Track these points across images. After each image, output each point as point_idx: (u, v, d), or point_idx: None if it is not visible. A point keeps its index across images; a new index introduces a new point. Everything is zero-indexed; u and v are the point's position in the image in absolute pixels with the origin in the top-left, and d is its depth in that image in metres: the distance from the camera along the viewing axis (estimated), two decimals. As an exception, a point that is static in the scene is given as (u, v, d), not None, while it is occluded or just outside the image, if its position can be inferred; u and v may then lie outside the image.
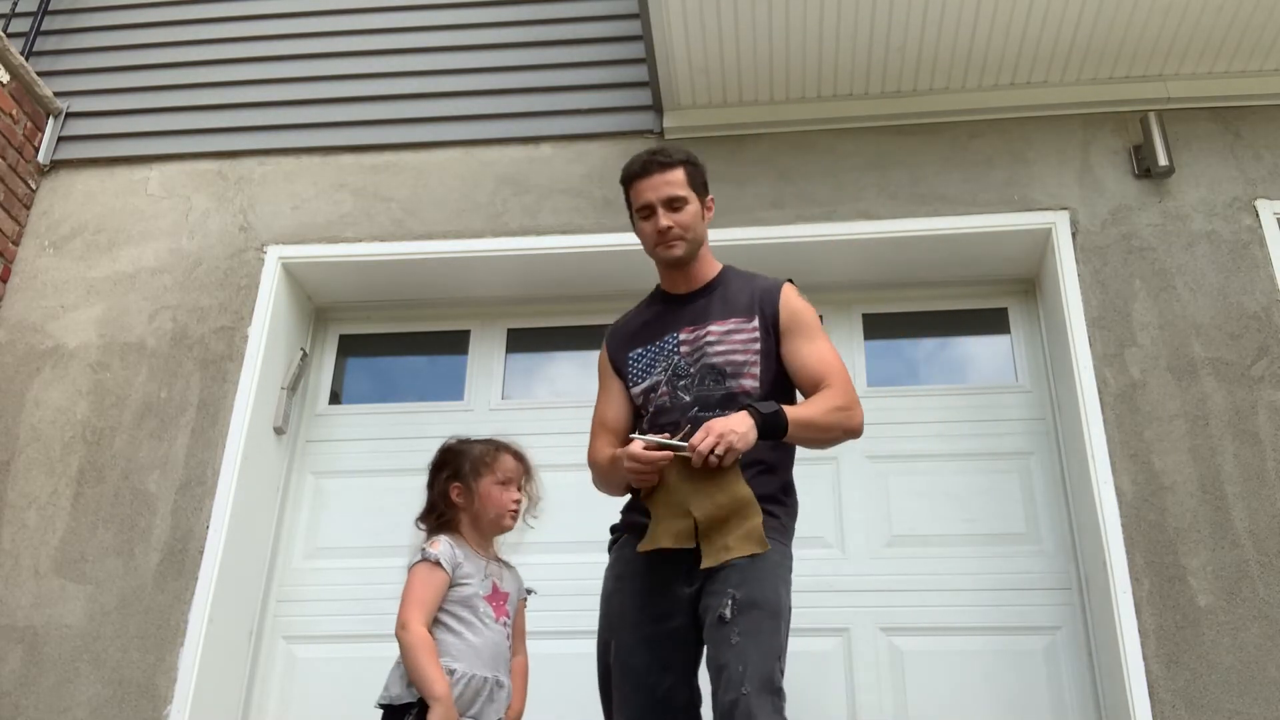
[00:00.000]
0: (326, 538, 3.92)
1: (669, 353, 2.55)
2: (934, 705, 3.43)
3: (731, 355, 2.49)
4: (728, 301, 2.58)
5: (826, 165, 3.98)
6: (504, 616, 2.49)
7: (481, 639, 2.41)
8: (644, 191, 2.57)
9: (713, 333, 2.52)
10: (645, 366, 2.58)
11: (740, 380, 2.47)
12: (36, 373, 3.92)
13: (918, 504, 3.71)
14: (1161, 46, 3.78)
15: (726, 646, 2.19)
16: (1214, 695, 3.07)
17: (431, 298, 4.22)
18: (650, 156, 2.60)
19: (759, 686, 2.14)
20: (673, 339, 2.56)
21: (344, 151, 4.24)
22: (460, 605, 2.43)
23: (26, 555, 3.61)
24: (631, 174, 2.61)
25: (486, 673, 2.39)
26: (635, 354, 2.62)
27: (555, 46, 4.34)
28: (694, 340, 2.53)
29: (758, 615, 2.22)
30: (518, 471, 2.58)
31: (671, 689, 2.33)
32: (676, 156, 2.60)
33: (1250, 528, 3.25)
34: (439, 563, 2.43)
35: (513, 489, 2.55)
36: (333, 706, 3.60)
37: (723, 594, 2.24)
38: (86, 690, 3.40)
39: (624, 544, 2.50)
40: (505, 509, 2.54)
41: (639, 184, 2.58)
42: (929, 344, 4.09)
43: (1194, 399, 3.43)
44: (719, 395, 2.45)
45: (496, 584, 2.52)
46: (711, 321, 2.55)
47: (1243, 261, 3.62)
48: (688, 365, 2.51)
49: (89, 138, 4.40)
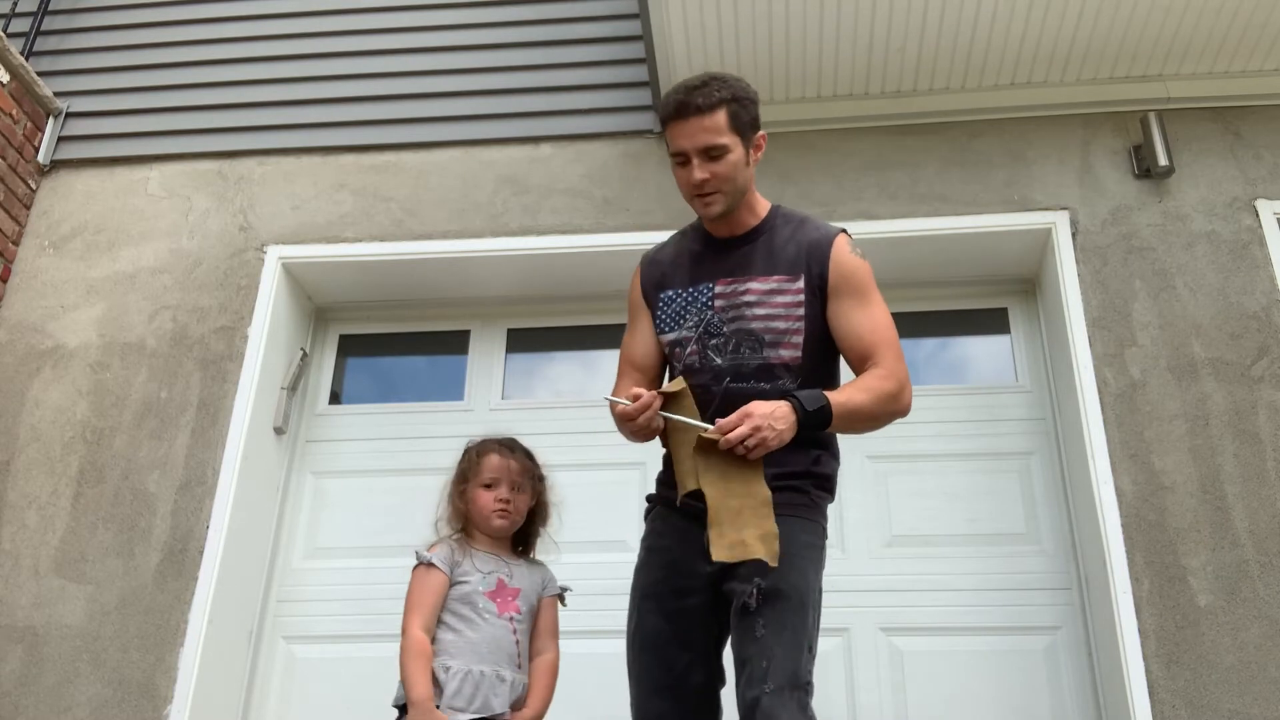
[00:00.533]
0: (326, 538, 3.92)
1: (702, 305, 2.32)
2: (934, 705, 3.43)
3: (772, 321, 2.27)
4: (773, 253, 2.32)
5: (826, 165, 3.98)
6: (511, 612, 2.48)
7: (480, 634, 2.42)
8: (678, 137, 2.24)
9: (753, 291, 2.29)
10: (675, 314, 2.37)
11: (779, 350, 2.26)
12: (36, 373, 3.92)
13: (918, 504, 3.71)
14: (1161, 46, 3.78)
15: (751, 639, 2.11)
16: (1214, 695, 3.07)
17: (431, 298, 4.22)
18: (686, 96, 2.23)
19: (782, 683, 2.05)
20: (708, 289, 2.33)
21: (344, 151, 4.24)
22: (459, 602, 2.45)
23: (26, 555, 3.61)
24: (666, 115, 2.27)
25: (485, 667, 2.39)
26: (667, 295, 2.39)
27: (555, 46, 4.34)
28: (730, 295, 2.30)
29: (783, 606, 2.11)
30: (503, 470, 2.54)
31: (689, 667, 2.25)
32: (719, 94, 2.22)
33: (1250, 528, 3.25)
34: (433, 564, 2.47)
35: (500, 489, 2.53)
36: (333, 706, 3.61)
37: (747, 579, 2.12)
38: (86, 690, 3.40)
39: (655, 515, 2.40)
40: (489, 510, 2.52)
41: (674, 129, 2.25)
42: (929, 344, 4.09)
43: (1194, 399, 3.44)
44: (754, 365, 2.26)
45: (503, 580, 2.50)
46: (753, 277, 2.30)
47: (1243, 261, 3.62)
48: (721, 323, 2.30)
49: (89, 138, 4.40)
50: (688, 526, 2.26)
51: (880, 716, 3.42)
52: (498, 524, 2.53)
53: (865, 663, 3.49)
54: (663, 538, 2.34)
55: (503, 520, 2.52)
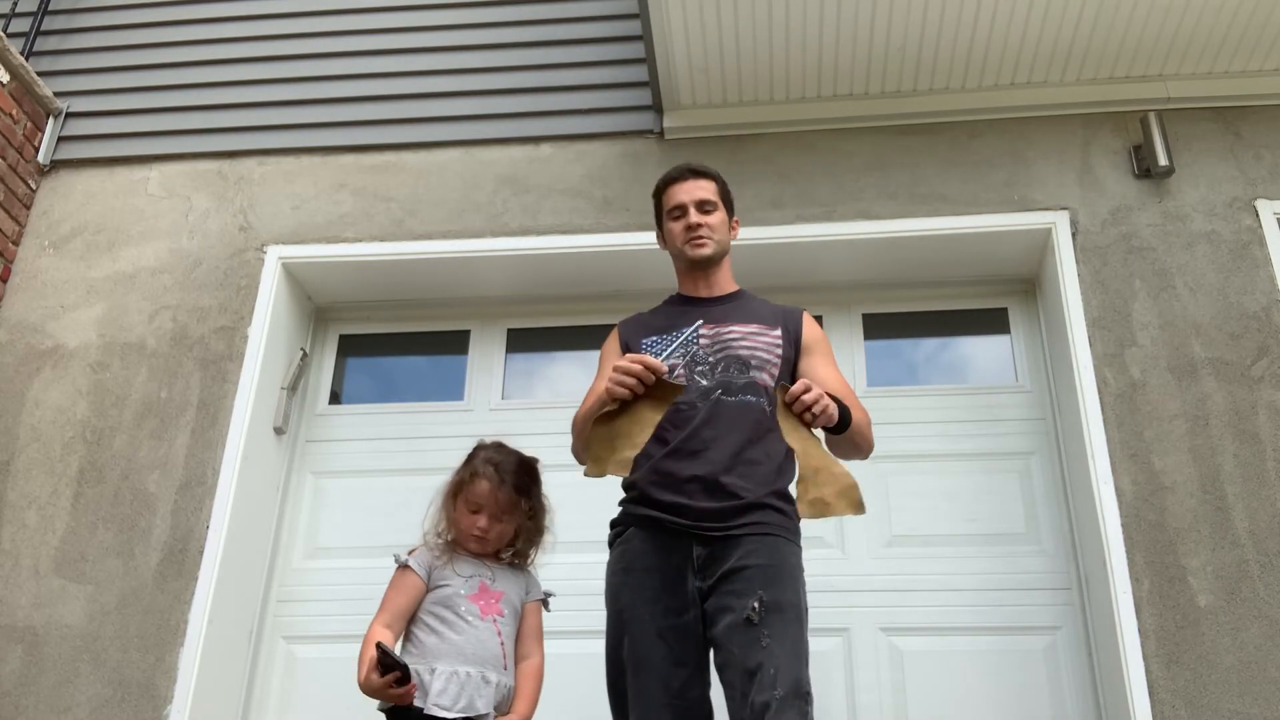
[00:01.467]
0: (326, 538, 3.92)
1: (688, 340, 2.57)
2: (934, 705, 3.43)
3: (756, 351, 2.55)
4: (750, 311, 2.67)
5: (826, 165, 3.98)
6: (495, 614, 2.49)
7: (463, 636, 2.42)
8: (677, 194, 2.71)
9: (736, 330, 2.58)
10: (661, 350, 2.59)
11: (763, 374, 2.53)
12: (36, 373, 3.92)
13: (918, 504, 3.71)
14: (1161, 46, 3.78)
15: (757, 649, 2.21)
16: (1214, 695, 3.07)
17: (431, 298, 4.22)
18: (685, 167, 2.76)
19: (790, 691, 2.17)
20: (693, 331, 2.59)
21: (344, 151, 4.24)
22: (440, 605, 2.46)
23: (26, 555, 3.61)
24: (667, 180, 2.76)
25: (471, 668, 2.39)
26: (650, 340, 2.62)
27: (555, 46, 4.34)
28: (715, 335, 2.58)
29: (784, 618, 2.26)
30: (489, 499, 2.53)
31: (687, 683, 2.32)
32: (710, 171, 2.76)
33: (1250, 528, 3.25)
34: (409, 566, 2.50)
35: (481, 517, 2.53)
36: (333, 706, 3.60)
37: (747, 594, 2.27)
38: (86, 690, 3.40)
39: (629, 538, 2.48)
40: (467, 534, 2.55)
41: (673, 188, 2.73)
42: (929, 344, 4.09)
43: (1194, 399, 3.43)
44: (742, 382, 2.50)
45: (486, 584, 2.52)
46: (734, 323, 2.61)
47: (1243, 261, 3.62)
48: (707, 354, 2.54)
49: (89, 138, 4.40)
50: (668, 544, 2.38)
51: (880, 716, 3.42)
52: (472, 548, 2.56)
53: (865, 663, 3.49)
54: (645, 557, 2.42)
55: (477, 547, 2.55)
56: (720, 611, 2.31)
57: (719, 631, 2.30)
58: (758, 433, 2.46)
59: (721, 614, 2.30)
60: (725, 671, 2.28)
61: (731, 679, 2.24)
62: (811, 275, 3.99)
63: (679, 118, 4.10)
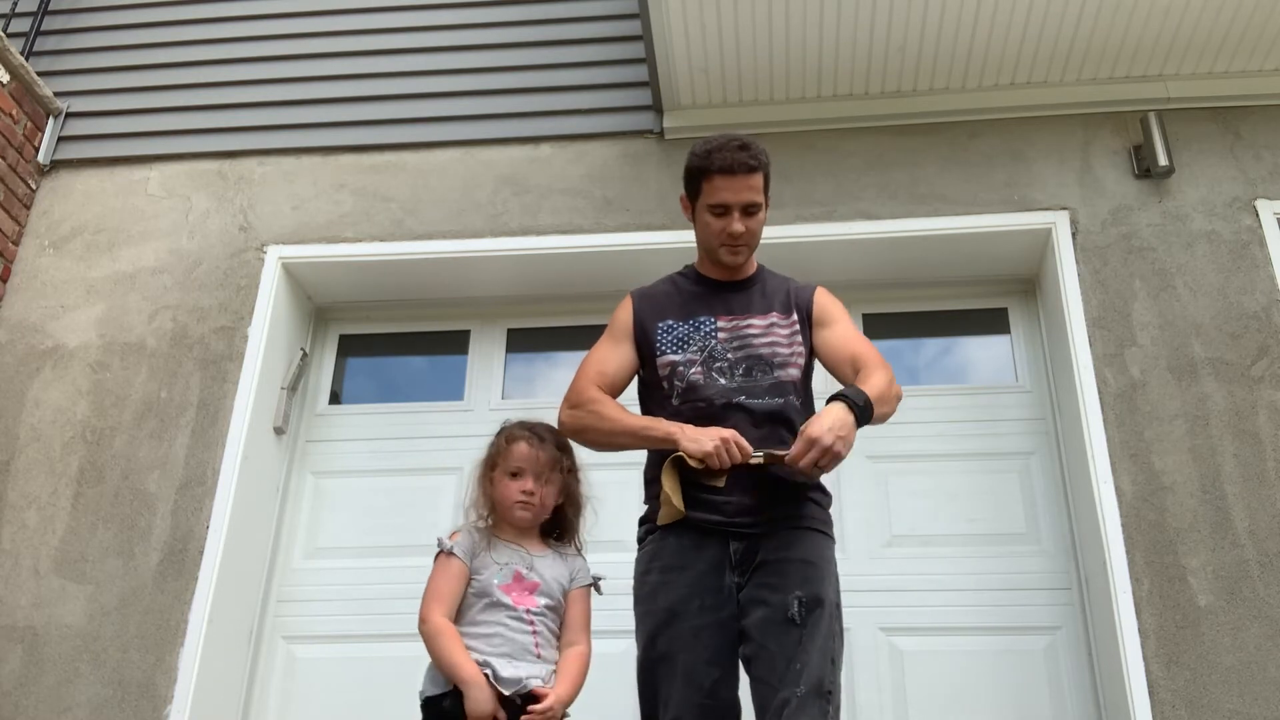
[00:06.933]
0: (326, 538, 3.92)
1: (705, 335, 2.50)
2: (934, 705, 3.43)
3: (776, 347, 2.48)
4: (766, 296, 2.58)
5: (826, 165, 3.98)
6: (528, 605, 2.40)
7: (492, 629, 2.36)
8: (723, 190, 2.46)
9: (755, 325, 2.51)
10: (678, 340, 2.51)
11: (787, 369, 2.47)
12: (36, 373, 3.92)
13: (918, 504, 3.71)
14: (1161, 46, 3.78)
15: (788, 642, 2.21)
16: (1214, 695, 3.07)
17: (431, 298, 4.22)
18: (737, 155, 2.45)
19: (811, 689, 2.17)
20: (709, 322, 2.52)
21: (344, 151, 4.24)
22: (474, 595, 2.39)
23: (26, 555, 3.61)
24: (717, 167, 2.45)
25: (499, 660, 2.33)
26: (666, 324, 2.54)
27: (555, 46, 4.34)
28: (733, 329, 2.51)
29: (819, 615, 2.25)
30: (530, 460, 2.46)
31: (718, 683, 2.28)
32: (763, 159, 2.49)
33: (1250, 528, 3.25)
34: (453, 552, 2.41)
35: (525, 480, 2.45)
36: (333, 706, 3.61)
37: (783, 589, 2.26)
38: (86, 690, 3.40)
39: (659, 537, 2.42)
40: (511, 501, 2.45)
41: (721, 180, 2.45)
42: (929, 344, 4.09)
43: (1194, 399, 3.43)
44: (767, 384, 2.44)
45: (520, 572, 2.42)
46: (752, 314, 2.53)
47: (1243, 261, 3.62)
48: (725, 350, 2.47)
49: (89, 138, 4.40)
50: (703, 542, 2.35)
51: (880, 716, 3.42)
52: (519, 515, 2.45)
53: (865, 663, 3.49)
54: (678, 556, 2.37)
55: (525, 513, 2.45)
56: (754, 604, 2.28)
57: (752, 623, 2.27)
58: (788, 430, 2.40)
59: (756, 606, 2.28)
60: (753, 664, 2.26)
61: (759, 673, 2.24)
62: (811, 275, 3.89)
63: (679, 118, 4.09)
